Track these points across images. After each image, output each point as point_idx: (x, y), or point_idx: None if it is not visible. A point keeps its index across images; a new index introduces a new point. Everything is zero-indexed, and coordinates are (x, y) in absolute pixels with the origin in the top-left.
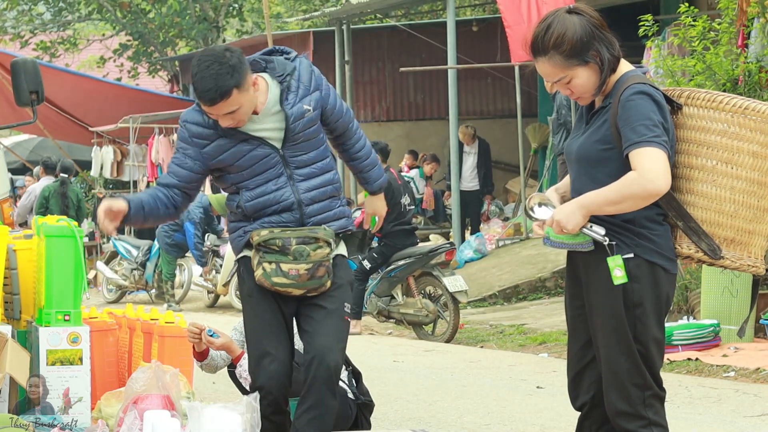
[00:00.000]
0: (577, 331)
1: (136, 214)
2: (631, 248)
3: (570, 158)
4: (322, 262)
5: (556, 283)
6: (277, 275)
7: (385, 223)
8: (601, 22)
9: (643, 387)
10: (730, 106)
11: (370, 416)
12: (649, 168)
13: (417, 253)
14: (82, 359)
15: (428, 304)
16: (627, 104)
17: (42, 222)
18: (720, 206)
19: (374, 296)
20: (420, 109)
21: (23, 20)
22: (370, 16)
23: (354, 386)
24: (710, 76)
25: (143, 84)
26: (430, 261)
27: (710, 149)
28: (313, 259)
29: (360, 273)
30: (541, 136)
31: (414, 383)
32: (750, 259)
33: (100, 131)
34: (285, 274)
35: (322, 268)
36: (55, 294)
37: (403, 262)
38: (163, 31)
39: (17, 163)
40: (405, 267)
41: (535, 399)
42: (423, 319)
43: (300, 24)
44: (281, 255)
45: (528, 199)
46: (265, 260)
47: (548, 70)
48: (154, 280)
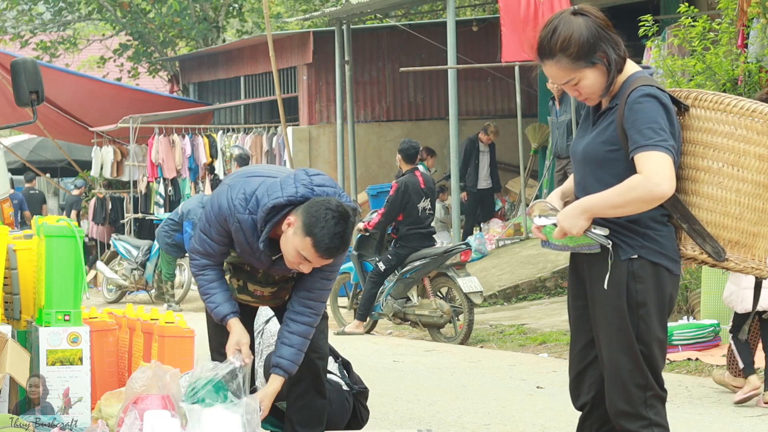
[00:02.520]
0: (579, 331)
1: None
2: (635, 249)
3: (575, 158)
4: (285, 286)
5: (556, 283)
6: (242, 292)
7: (401, 226)
8: (606, 23)
9: (645, 387)
10: (737, 109)
11: (366, 401)
12: (655, 172)
13: (432, 254)
14: (82, 359)
15: (443, 305)
16: (634, 107)
17: (42, 222)
18: (725, 208)
19: (390, 298)
20: (420, 109)
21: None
22: (370, 16)
23: (346, 377)
24: (710, 76)
25: (143, 84)
26: (445, 262)
27: (716, 151)
28: (278, 283)
29: (375, 275)
30: (541, 136)
31: (414, 383)
32: (754, 261)
33: (100, 131)
34: (250, 293)
35: (284, 291)
36: (55, 294)
37: (419, 263)
38: (163, 31)
39: (17, 163)
40: (420, 268)
41: (535, 399)
42: (438, 320)
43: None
44: (250, 276)
45: (529, 208)
46: (234, 276)
47: (556, 72)
48: (154, 280)
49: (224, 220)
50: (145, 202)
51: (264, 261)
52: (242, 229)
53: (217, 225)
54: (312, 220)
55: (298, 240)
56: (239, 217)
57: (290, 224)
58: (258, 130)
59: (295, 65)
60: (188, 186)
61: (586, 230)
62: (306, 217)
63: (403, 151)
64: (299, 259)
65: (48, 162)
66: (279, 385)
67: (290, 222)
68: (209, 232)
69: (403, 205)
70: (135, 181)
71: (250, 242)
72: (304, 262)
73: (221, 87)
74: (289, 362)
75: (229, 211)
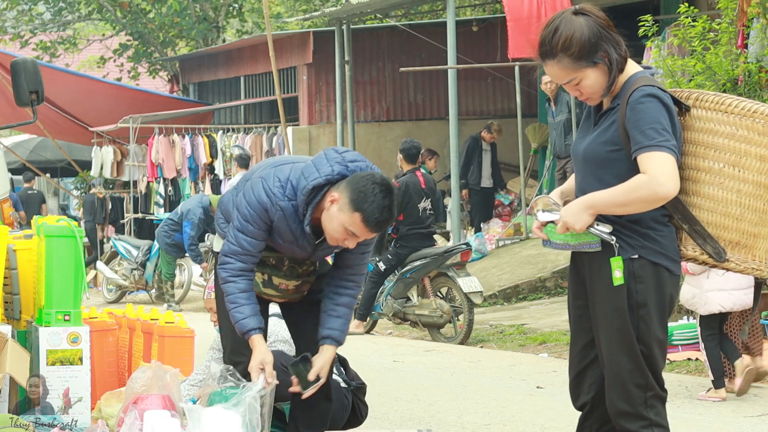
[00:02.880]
0: (580, 331)
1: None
2: (635, 249)
3: (576, 159)
4: (308, 279)
5: (556, 283)
6: (267, 286)
7: (401, 226)
8: (607, 23)
9: (645, 387)
10: (738, 109)
11: (364, 397)
12: (660, 172)
13: (432, 254)
14: (82, 359)
15: (443, 305)
16: (636, 107)
17: (42, 222)
18: (726, 209)
19: (390, 298)
20: (420, 109)
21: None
22: (370, 16)
23: (344, 374)
24: (710, 76)
25: (143, 84)
26: (445, 262)
27: (717, 152)
28: (302, 276)
29: (375, 275)
30: (541, 136)
31: (414, 383)
32: (754, 262)
33: (100, 131)
34: (275, 287)
35: (306, 284)
36: (55, 294)
37: (419, 263)
38: (163, 31)
39: (17, 163)
40: (420, 268)
41: (535, 399)
42: (438, 320)
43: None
44: (274, 269)
45: (532, 203)
46: (258, 270)
47: (557, 72)
48: (154, 280)
49: (265, 212)
50: (145, 202)
51: (307, 247)
52: (285, 217)
53: (257, 219)
54: (360, 196)
55: (345, 216)
56: (281, 205)
57: (334, 201)
58: (258, 130)
59: (295, 65)
60: (188, 186)
61: (590, 226)
62: (353, 193)
63: (405, 150)
64: (345, 235)
65: (48, 162)
66: (332, 353)
67: (334, 199)
68: (246, 230)
69: (403, 205)
70: (135, 181)
71: (293, 230)
72: (350, 237)
73: (221, 87)
74: (339, 332)
75: (270, 201)
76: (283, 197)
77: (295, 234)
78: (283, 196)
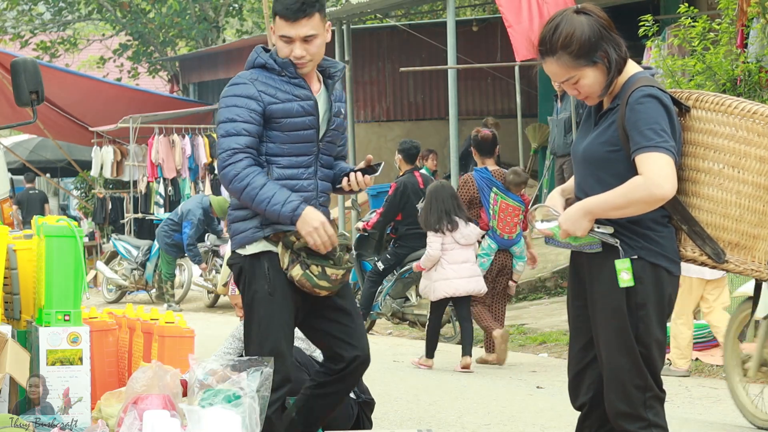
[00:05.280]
0: (579, 331)
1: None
2: (635, 250)
3: (576, 159)
4: (350, 267)
5: (556, 283)
6: (322, 279)
7: (399, 226)
8: (608, 23)
9: (644, 388)
10: (738, 110)
11: (371, 414)
12: (657, 173)
13: None
14: (82, 359)
15: None
16: (635, 107)
17: (42, 222)
18: (726, 210)
19: (389, 298)
20: (420, 109)
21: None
22: (370, 16)
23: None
24: (710, 76)
25: (143, 84)
26: None
27: (717, 153)
28: (345, 265)
29: (374, 274)
30: (541, 136)
31: (414, 383)
32: (754, 263)
33: (100, 131)
34: (328, 278)
35: (348, 273)
36: (55, 294)
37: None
38: (163, 31)
39: (17, 163)
40: None
41: (535, 399)
42: None
43: None
44: (325, 259)
45: (530, 213)
46: (312, 262)
47: (556, 70)
48: (154, 280)
49: (244, 88)
50: (145, 202)
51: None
52: (261, 81)
53: (242, 100)
54: (274, 3)
55: (275, 31)
56: (252, 74)
57: (272, 28)
58: None
59: None
60: (188, 186)
61: (590, 230)
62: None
63: (404, 151)
64: (287, 47)
65: (48, 162)
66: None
67: (272, 27)
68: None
69: (402, 205)
70: (135, 181)
71: (280, 86)
72: (290, 44)
73: (221, 87)
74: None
75: (242, 79)
76: (248, 71)
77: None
78: (249, 69)
